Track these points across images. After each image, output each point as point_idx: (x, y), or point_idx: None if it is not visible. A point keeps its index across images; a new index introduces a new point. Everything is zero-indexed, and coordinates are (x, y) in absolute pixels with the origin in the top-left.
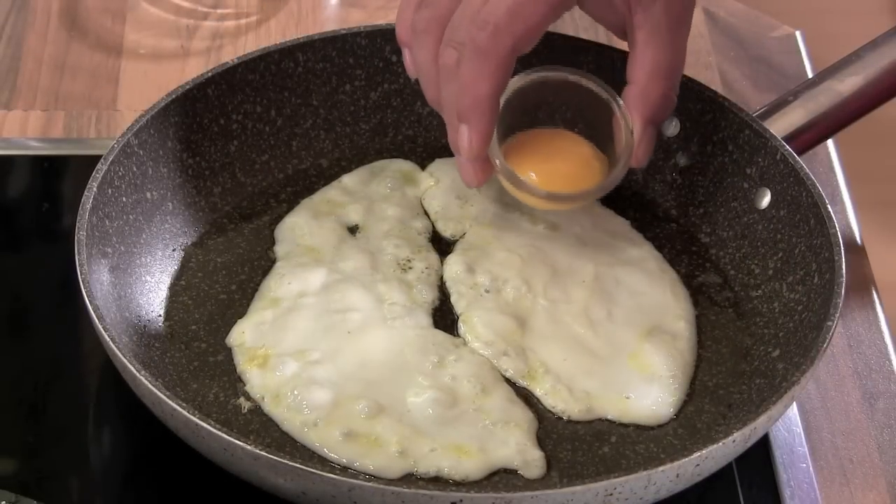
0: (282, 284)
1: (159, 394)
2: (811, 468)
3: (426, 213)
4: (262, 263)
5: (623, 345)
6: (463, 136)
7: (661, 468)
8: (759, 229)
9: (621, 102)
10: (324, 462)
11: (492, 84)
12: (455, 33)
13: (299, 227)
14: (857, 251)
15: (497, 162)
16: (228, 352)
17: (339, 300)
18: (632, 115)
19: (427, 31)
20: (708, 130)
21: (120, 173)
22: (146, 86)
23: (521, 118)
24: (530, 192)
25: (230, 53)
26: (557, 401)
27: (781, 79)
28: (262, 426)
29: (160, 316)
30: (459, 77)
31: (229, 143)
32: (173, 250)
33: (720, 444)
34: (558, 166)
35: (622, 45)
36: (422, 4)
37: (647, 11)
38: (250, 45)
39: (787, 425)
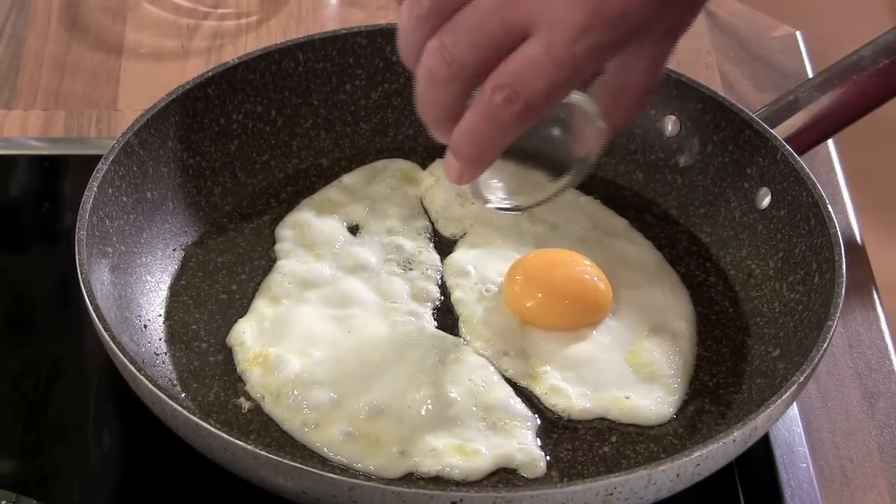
0: (282, 284)
1: (159, 393)
2: (811, 468)
3: (427, 213)
4: (262, 263)
5: (623, 344)
6: (453, 166)
7: (661, 468)
8: (759, 229)
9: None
10: (324, 462)
11: (502, 147)
12: (457, 45)
13: (300, 227)
14: (857, 251)
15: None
16: (229, 351)
17: (340, 300)
18: (609, 120)
19: (426, 18)
20: (708, 130)
21: (120, 173)
22: (146, 85)
23: None
24: None
25: (230, 53)
26: (558, 400)
27: (782, 78)
28: (262, 426)
29: (160, 315)
30: (467, 125)
31: (230, 142)
32: (174, 250)
33: (720, 443)
34: (565, 304)
35: None
36: None
37: (659, 48)
38: (251, 44)
39: (788, 425)
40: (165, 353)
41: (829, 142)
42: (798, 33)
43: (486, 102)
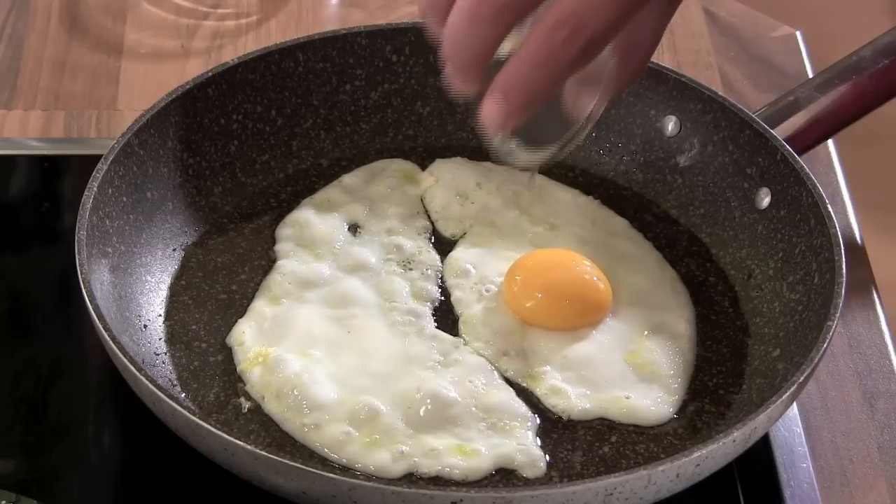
0: (282, 284)
1: (159, 394)
2: (811, 468)
3: (427, 213)
4: (262, 263)
5: (623, 344)
6: (496, 112)
7: (661, 468)
8: (759, 229)
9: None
10: (324, 462)
11: (556, 88)
12: None
13: (300, 227)
14: (857, 251)
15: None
16: (229, 351)
17: (340, 300)
18: (618, 79)
19: None
20: (708, 130)
21: (120, 173)
22: (146, 85)
23: None
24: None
25: (230, 53)
26: (558, 400)
27: (782, 79)
28: (262, 426)
29: (160, 316)
30: (520, 64)
31: (230, 142)
32: (174, 250)
33: (720, 443)
34: (565, 304)
35: None
36: None
37: (671, 5)
38: (250, 44)
39: (788, 425)
40: (165, 353)
41: (829, 142)
42: (798, 33)
43: (546, 39)
